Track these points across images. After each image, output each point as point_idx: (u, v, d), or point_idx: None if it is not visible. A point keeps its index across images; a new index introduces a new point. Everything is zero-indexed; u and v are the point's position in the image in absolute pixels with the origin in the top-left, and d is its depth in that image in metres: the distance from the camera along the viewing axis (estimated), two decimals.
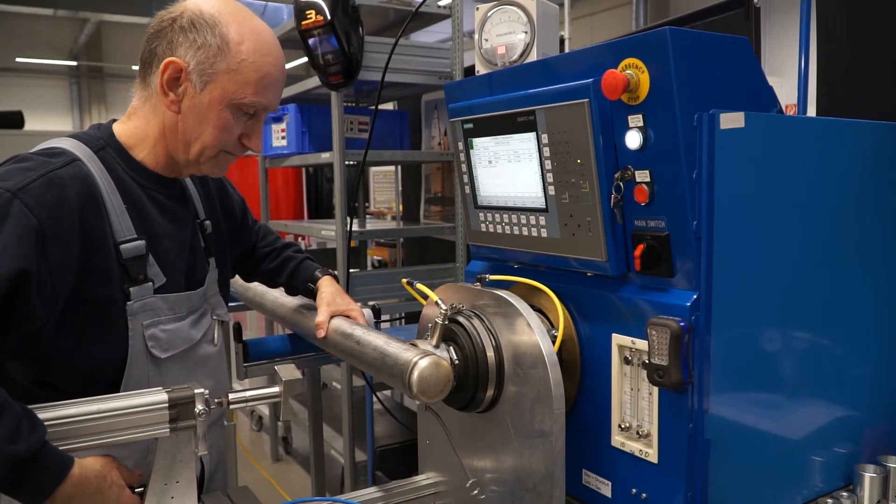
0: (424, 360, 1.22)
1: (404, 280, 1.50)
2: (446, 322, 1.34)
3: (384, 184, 7.94)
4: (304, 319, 1.70)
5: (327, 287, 1.65)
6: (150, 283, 1.31)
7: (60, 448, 1.06)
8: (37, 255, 1.13)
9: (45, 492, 1.07)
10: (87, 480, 1.11)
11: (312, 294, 1.68)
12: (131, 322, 1.28)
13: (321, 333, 1.55)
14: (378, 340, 1.39)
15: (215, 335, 1.50)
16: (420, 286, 1.41)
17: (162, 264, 1.34)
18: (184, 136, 1.32)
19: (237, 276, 1.85)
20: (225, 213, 1.63)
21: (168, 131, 1.33)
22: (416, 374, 1.21)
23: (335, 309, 1.58)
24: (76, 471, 1.10)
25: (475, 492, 1.45)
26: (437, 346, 1.32)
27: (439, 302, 1.33)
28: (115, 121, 1.40)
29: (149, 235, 1.32)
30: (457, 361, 1.32)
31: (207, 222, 1.53)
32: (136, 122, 1.36)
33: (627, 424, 1.28)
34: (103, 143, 1.33)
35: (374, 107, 4.27)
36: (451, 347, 1.34)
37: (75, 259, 1.19)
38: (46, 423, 1.04)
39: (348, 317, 1.56)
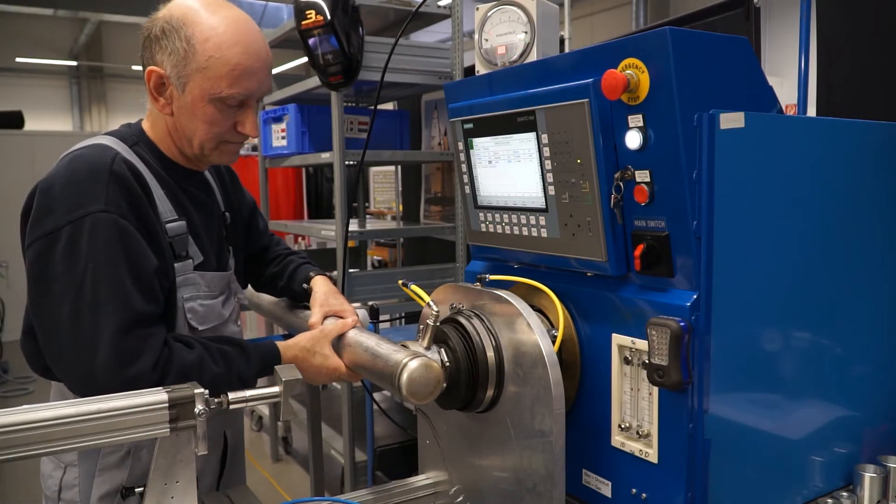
0: (414, 361, 1.22)
1: (400, 281, 1.50)
2: (437, 324, 1.33)
3: (384, 184, 7.94)
4: (298, 320, 1.71)
5: (321, 287, 1.67)
6: (191, 261, 1.46)
7: (60, 448, 1.06)
8: (148, 248, 1.33)
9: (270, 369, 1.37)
10: (296, 358, 1.46)
11: (307, 294, 1.70)
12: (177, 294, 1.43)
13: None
14: (369, 342, 1.39)
15: (238, 317, 1.65)
16: (414, 287, 1.41)
17: (199, 244, 1.48)
18: (183, 134, 1.44)
19: (248, 286, 1.92)
20: (239, 205, 1.75)
21: (171, 131, 1.47)
22: (405, 375, 1.21)
23: (328, 309, 1.59)
24: (288, 355, 1.46)
25: (460, 499, 1.46)
26: (427, 348, 1.32)
27: (430, 304, 1.33)
28: (142, 120, 1.52)
29: (186, 219, 1.46)
30: (448, 363, 1.32)
31: (227, 213, 1.66)
32: (153, 121, 1.49)
33: (627, 424, 1.28)
34: (136, 138, 1.46)
35: (374, 107, 4.28)
36: (442, 349, 1.33)
37: (156, 234, 1.37)
38: (46, 423, 1.04)
39: (341, 317, 1.57)
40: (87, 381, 1.26)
